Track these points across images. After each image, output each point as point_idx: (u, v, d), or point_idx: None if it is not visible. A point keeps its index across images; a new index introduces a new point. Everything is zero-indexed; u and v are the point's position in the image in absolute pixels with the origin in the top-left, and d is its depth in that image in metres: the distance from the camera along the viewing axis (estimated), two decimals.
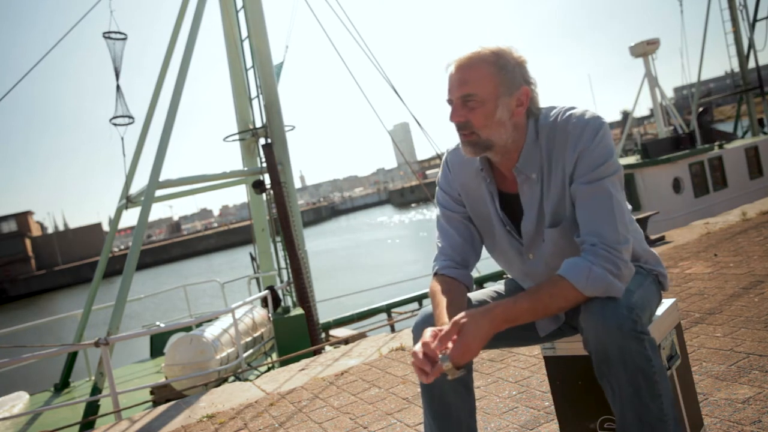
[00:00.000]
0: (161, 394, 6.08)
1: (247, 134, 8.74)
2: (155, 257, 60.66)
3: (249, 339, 7.06)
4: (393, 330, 8.14)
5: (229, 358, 6.45)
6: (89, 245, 62.97)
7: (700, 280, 3.77)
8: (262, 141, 8.46)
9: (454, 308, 1.47)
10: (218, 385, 4.40)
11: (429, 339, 1.32)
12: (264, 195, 8.69)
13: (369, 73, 9.74)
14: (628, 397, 1.33)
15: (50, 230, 74.24)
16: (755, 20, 17.59)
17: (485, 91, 1.44)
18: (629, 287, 1.42)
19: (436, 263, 1.64)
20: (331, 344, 7.19)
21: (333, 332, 9.10)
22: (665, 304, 1.70)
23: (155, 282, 39.11)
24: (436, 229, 1.70)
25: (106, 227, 62.98)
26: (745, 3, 17.42)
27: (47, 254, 61.43)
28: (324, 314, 9.37)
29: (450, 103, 1.49)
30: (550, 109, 1.52)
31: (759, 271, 3.62)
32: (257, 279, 9.21)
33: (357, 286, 13.62)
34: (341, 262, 30.28)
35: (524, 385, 2.62)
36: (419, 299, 10.11)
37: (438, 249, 1.67)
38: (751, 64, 17.67)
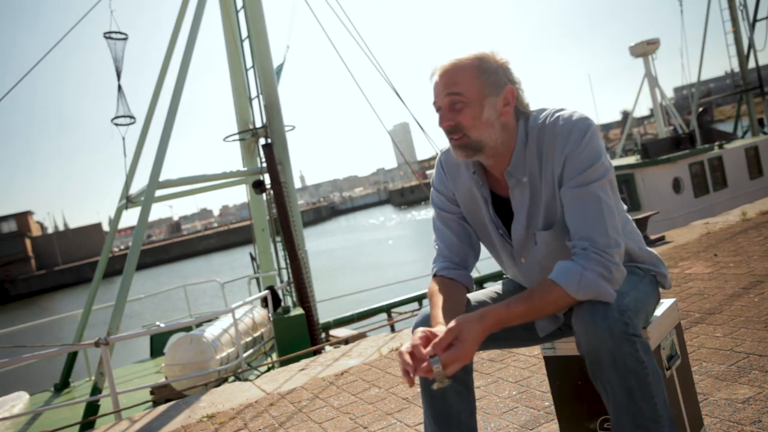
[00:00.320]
0: (161, 394, 6.08)
1: (247, 134, 8.74)
2: (155, 257, 60.69)
3: (249, 339, 7.06)
4: (393, 330, 8.15)
5: (229, 358, 6.45)
6: (89, 245, 62.99)
7: (700, 280, 3.77)
8: (262, 141, 8.47)
9: (452, 308, 1.47)
10: (218, 385, 4.40)
11: (418, 341, 1.31)
12: (264, 195, 8.70)
13: (369, 73, 9.74)
14: (621, 399, 1.33)
15: (50, 230, 74.26)
16: (755, 20, 17.58)
17: (471, 91, 1.44)
18: (622, 289, 1.41)
19: (435, 265, 1.64)
20: (331, 344, 7.19)
21: (333, 332, 9.09)
22: (665, 304, 1.70)
23: (155, 282, 39.13)
24: (433, 231, 1.70)
25: (106, 227, 62.98)
26: (745, 3, 17.42)
27: (47, 254, 61.44)
28: (324, 314, 9.37)
29: (438, 110, 1.50)
30: (540, 111, 1.52)
31: (759, 271, 3.62)
32: (257, 279, 9.21)
33: (357, 286, 13.61)
34: (341, 262, 30.28)
35: (524, 385, 2.62)
36: (419, 299, 10.11)
37: (436, 251, 1.67)
38: (751, 64, 17.68)
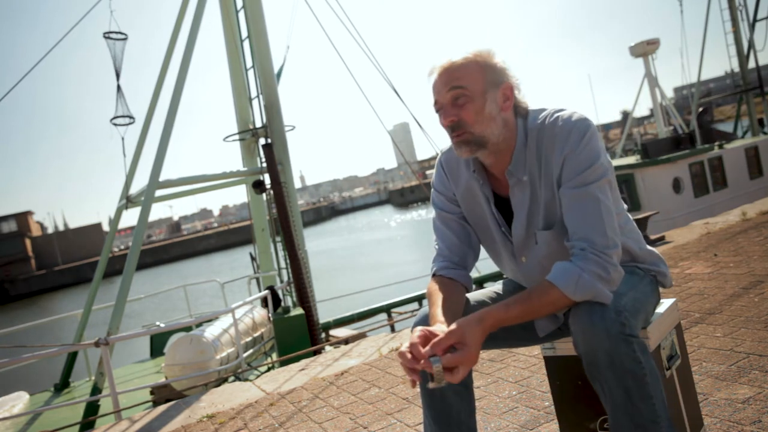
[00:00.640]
0: (161, 394, 6.08)
1: (247, 134, 8.74)
2: (155, 257, 60.68)
3: (249, 339, 7.06)
4: (393, 330, 8.15)
5: (229, 358, 6.45)
6: (89, 245, 62.99)
7: (700, 280, 3.77)
8: (262, 141, 8.47)
9: (451, 308, 1.47)
10: (218, 385, 4.40)
11: (417, 340, 1.30)
12: (264, 195, 8.70)
13: (369, 73, 9.76)
14: (619, 399, 1.33)
15: (50, 230, 74.26)
16: (755, 20, 17.58)
17: (473, 86, 1.45)
18: (620, 290, 1.41)
19: (435, 265, 1.64)
20: (331, 344, 7.19)
21: (333, 332, 9.09)
22: (665, 304, 1.70)
23: (155, 282, 39.12)
24: (433, 231, 1.70)
25: (106, 227, 62.98)
26: (745, 3, 17.42)
27: (47, 254, 61.43)
28: (324, 314, 9.37)
29: (438, 108, 1.49)
30: (540, 111, 1.52)
31: (759, 271, 3.62)
32: (257, 279, 9.21)
33: (357, 286, 13.60)
34: (341, 262, 30.28)
35: (524, 385, 2.62)
36: (419, 299, 10.11)
37: (436, 251, 1.67)
38: (751, 64, 17.68)
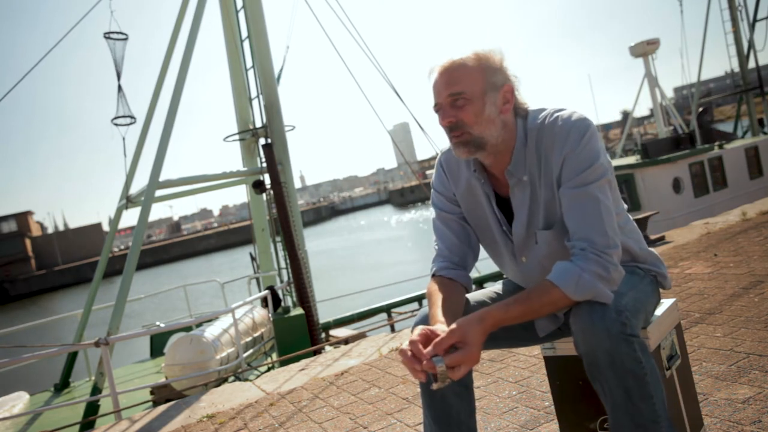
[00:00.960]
0: (161, 394, 6.08)
1: (247, 134, 8.75)
2: (155, 257, 60.68)
3: (249, 339, 7.06)
4: (393, 330, 8.15)
5: (229, 358, 6.45)
6: (89, 245, 62.99)
7: (700, 280, 3.77)
8: (262, 141, 8.48)
9: (451, 308, 1.47)
10: (218, 385, 4.40)
11: (417, 338, 1.30)
12: (264, 195, 8.70)
13: (369, 73, 9.73)
14: (620, 399, 1.33)
15: (50, 230, 74.26)
16: (755, 20, 17.58)
17: (473, 88, 1.44)
18: (621, 289, 1.41)
19: (434, 265, 1.64)
20: (331, 344, 7.19)
21: (333, 332, 9.09)
22: (665, 304, 1.70)
23: (155, 282, 39.12)
24: (433, 231, 1.70)
25: (106, 227, 62.99)
26: (745, 3, 17.41)
27: (47, 254, 61.43)
28: (324, 314, 9.37)
29: (437, 109, 1.49)
30: (539, 110, 1.52)
31: (759, 271, 3.62)
32: (257, 279, 9.21)
33: (357, 286, 13.61)
34: (341, 262, 30.28)
35: (524, 385, 2.62)
36: (419, 299, 10.11)
37: (436, 251, 1.67)
38: (751, 64, 17.67)
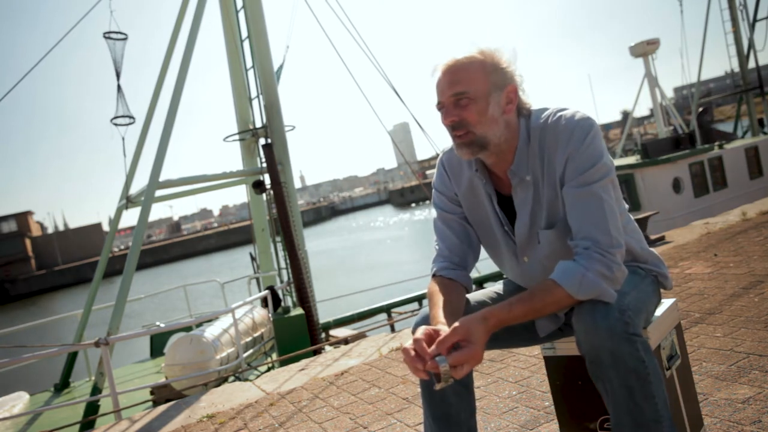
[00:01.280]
0: (161, 394, 6.08)
1: (247, 134, 8.75)
2: (155, 257, 60.70)
3: (249, 339, 7.06)
4: (393, 330, 8.15)
5: (229, 358, 6.45)
6: (89, 245, 62.99)
7: (700, 280, 3.77)
8: (262, 141, 8.48)
9: (452, 308, 1.47)
10: (218, 385, 4.40)
11: (421, 336, 1.30)
12: (264, 195, 8.70)
13: (369, 73, 9.74)
14: (622, 398, 1.33)
15: (50, 230, 74.26)
16: (755, 20, 17.59)
17: (476, 88, 1.44)
18: (623, 289, 1.41)
19: (435, 265, 1.64)
20: (331, 344, 7.20)
21: (333, 332, 9.09)
22: (665, 304, 1.70)
23: (155, 282, 39.12)
24: (434, 231, 1.70)
25: (106, 227, 62.99)
26: (745, 3, 17.43)
27: (47, 254, 61.44)
28: (324, 314, 9.37)
29: (440, 108, 1.49)
30: (542, 110, 1.52)
31: (759, 271, 3.62)
32: (257, 279, 9.22)
33: (357, 286, 13.61)
34: (341, 262, 30.28)
35: (524, 385, 2.62)
36: (419, 299, 10.11)
37: (436, 251, 1.67)
38: (751, 64, 17.68)
